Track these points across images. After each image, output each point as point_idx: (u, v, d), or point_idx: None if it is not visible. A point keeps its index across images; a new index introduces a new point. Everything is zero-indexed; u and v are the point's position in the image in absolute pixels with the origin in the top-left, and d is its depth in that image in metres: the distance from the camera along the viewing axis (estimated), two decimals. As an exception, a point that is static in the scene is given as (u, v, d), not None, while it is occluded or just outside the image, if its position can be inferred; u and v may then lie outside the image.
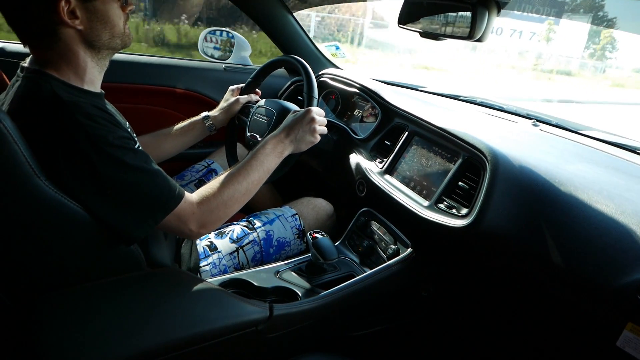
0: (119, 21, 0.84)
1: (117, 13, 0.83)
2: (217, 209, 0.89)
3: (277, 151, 1.01)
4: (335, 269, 1.07)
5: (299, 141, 1.03)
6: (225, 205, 0.90)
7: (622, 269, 0.71)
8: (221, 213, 0.90)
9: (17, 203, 0.69)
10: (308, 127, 1.04)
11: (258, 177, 0.96)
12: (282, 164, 1.04)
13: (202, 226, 0.87)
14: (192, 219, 0.85)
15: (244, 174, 0.94)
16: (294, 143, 1.03)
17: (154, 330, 0.71)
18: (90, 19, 0.79)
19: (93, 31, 0.80)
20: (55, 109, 0.74)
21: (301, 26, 1.68)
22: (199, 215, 0.86)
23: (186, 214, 0.84)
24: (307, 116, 1.04)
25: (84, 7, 0.77)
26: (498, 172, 0.86)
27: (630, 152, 1.13)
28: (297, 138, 1.03)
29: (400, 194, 1.05)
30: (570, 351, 0.88)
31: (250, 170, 0.95)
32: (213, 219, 0.88)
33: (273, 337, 0.84)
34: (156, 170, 0.82)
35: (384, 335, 1.09)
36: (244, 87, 1.36)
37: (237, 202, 0.92)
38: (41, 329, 0.67)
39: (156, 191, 0.79)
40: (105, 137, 0.75)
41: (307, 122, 1.04)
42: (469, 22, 0.87)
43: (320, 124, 1.06)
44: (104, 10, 0.80)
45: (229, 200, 0.90)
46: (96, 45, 0.82)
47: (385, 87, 1.39)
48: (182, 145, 1.29)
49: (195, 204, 0.86)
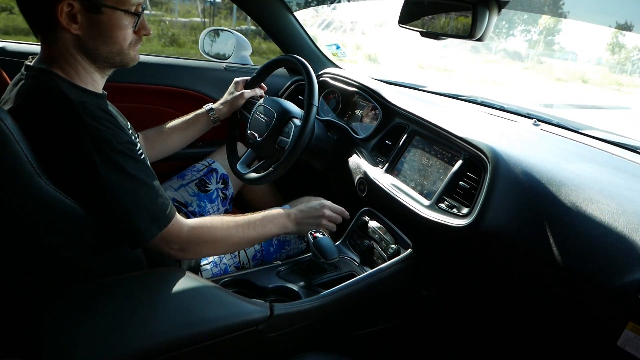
0: (123, 42, 0.82)
1: (124, 33, 0.81)
2: (205, 244, 0.91)
3: (281, 224, 1.04)
4: (335, 269, 1.07)
5: (304, 225, 1.08)
6: (214, 245, 0.92)
7: (623, 268, 0.71)
8: (206, 249, 0.92)
9: (18, 201, 0.69)
10: (316, 221, 1.09)
11: (254, 236, 0.99)
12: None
13: (183, 251, 0.88)
14: (176, 241, 0.86)
15: (244, 227, 0.96)
16: (298, 225, 1.07)
17: (155, 329, 0.71)
18: (90, 28, 0.78)
19: (90, 41, 0.79)
20: (63, 108, 0.74)
21: (302, 26, 1.68)
22: (185, 240, 0.87)
23: (171, 235, 0.84)
24: (321, 211, 1.10)
25: (87, 15, 0.76)
26: (499, 171, 0.86)
27: (631, 151, 1.12)
28: (304, 223, 1.08)
29: (400, 194, 1.05)
30: (571, 350, 0.88)
31: (252, 227, 0.98)
32: (196, 250, 0.90)
33: (274, 336, 0.84)
34: (152, 184, 0.81)
35: (384, 334, 1.09)
36: (248, 82, 1.37)
37: (224, 247, 0.95)
38: (41, 327, 0.67)
39: (150, 204, 0.79)
40: (110, 141, 0.75)
41: (318, 216, 1.10)
42: (470, 22, 0.87)
43: (330, 220, 1.12)
44: (109, 25, 0.79)
45: (218, 241, 0.92)
46: (92, 55, 0.81)
47: (386, 87, 1.39)
48: (187, 138, 1.29)
49: (185, 228, 0.86)
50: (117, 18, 0.79)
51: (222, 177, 1.41)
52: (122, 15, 0.79)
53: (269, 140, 1.21)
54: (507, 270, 0.88)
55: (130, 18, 0.81)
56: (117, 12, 0.78)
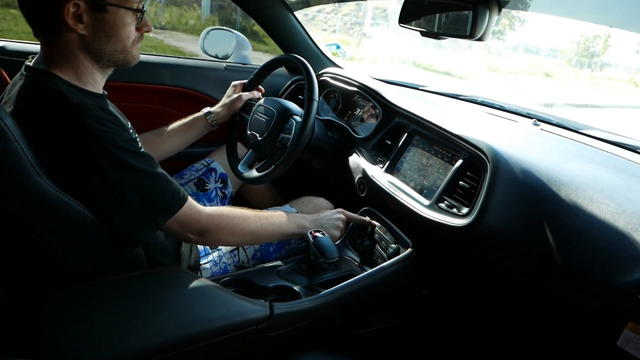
0: (127, 39, 0.83)
1: (128, 31, 0.82)
2: (223, 230, 0.92)
3: (297, 222, 1.07)
4: (335, 268, 1.07)
5: (322, 227, 1.10)
6: (232, 232, 0.93)
7: (623, 268, 0.71)
8: (225, 236, 0.93)
9: (18, 201, 0.69)
10: (335, 223, 1.14)
11: (272, 230, 1.01)
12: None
13: (201, 235, 0.89)
14: (196, 226, 0.87)
15: (262, 220, 0.99)
16: (316, 227, 1.10)
17: (154, 328, 0.71)
18: (96, 27, 0.78)
19: (96, 40, 0.80)
20: (64, 110, 0.74)
21: (302, 25, 1.68)
22: (204, 225, 0.88)
23: (189, 220, 0.85)
24: (338, 215, 1.16)
25: (92, 15, 0.77)
26: (499, 171, 0.86)
27: (631, 151, 1.12)
28: (322, 225, 1.12)
29: (400, 193, 1.05)
30: (570, 350, 0.88)
31: (270, 220, 1.00)
32: (214, 236, 0.91)
33: (273, 336, 0.84)
34: (160, 173, 0.82)
35: (384, 334, 1.09)
36: (246, 84, 1.37)
37: (241, 236, 0.96)
38: (41, 327, 0.67)
39: (160, 195, 0.80)
40: (113, 140, 0.75)
41: (336, 218, 1.15)
42: (470, 21, 0.87)
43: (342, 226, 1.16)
44: (114, 23, 0.80)
45: (237, 229, 0.94)
46: (97, 54, 0.82)
47: (386, 86, 1.39)
48: (184, 142, 1.29)
49: (204, 214, 0.88)
50: (121, 16, 0.80)
51: (221, 177, 1.41)
52: (125, 13, 0.80)
53: (270, 139, 1.21)
54: (506, 270, 0.88)
55: (133, 15, 0.82)
56: (121, 9, 0.80)
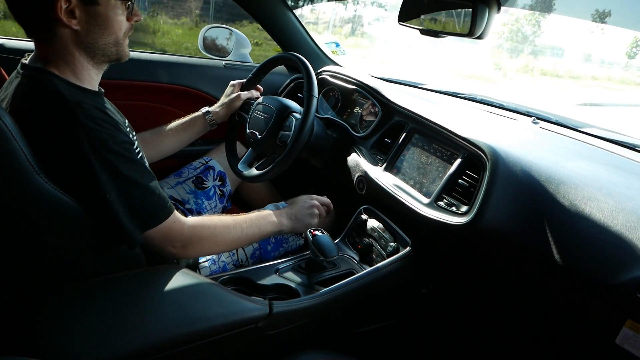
0: (119, 31, 0.83)
1: (119, 22, 0.83)
2: (206, 242, 0.93)
3: (276, 222, 1.06)
4: (334, 267, 1.07)
5: (297, 220, 1.10)
6: (215, 241, 0.94)
7: (622, 266, 0.71)
8: (207, 246, 0.95)
9: (17, 199, 0.69)
10: (308, 212, 1.13)
11: (252, 233, 1.01)
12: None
13: (184, 248, 0.89)
14: (179, 239, 0.87)
15: (242, 224, 0.99)
16: (292, 221, 1.10)
17: (154, 327, 0.71)
18: (89, 21, 0.79)
19: (90, 34, 0.80)
20: (60, 108, 0.74)
21: (301, 23, 1.68)
22: (187, 238, 0.88)
23: (172, 233, 0.86)
24: (309, 202, 1.15)
25: (84, 9, 0.77)
26: (498, 169, 0.86)
27: (630, 149, 1.12)
28: (298, 218, 1.11)
29: (400, 192, 1.05)
30: (569, 348, 0.88)
31: (249, 224, 1.01)
32: (198, 247, 0.93)
33: (273, 334, 0.84)
34: (147, 184, 0.82)
35: (383, 332, 1.09)
36: (245, 83, 1.36)
37: (224, 244, 0.97)
38: (40, 325, 0.67)
39: (142, 205, 0.80)
40: (105, 141, 0.75)
41: (309, 206, 1.13)
42: (469, 20, 0.87)
43: (320, 213, 1.15)
44: (106, 16, 0.80)
45: (218, 238, 0.95)
46: (91, 49, 0.82)
47: (385, 85, 1.39)
48: (183, 141, 1.29)
49: (186, 226, 0.88)
50: (112, 7, 0.80)
51: (219, 175, 1.41)
52: (116, 4, 0.81)
53: (270, 137, 1.21)
54: (505, 268, 0.88)
55: (123, 5, 0.83)
56: (111, 1, 0.80)
